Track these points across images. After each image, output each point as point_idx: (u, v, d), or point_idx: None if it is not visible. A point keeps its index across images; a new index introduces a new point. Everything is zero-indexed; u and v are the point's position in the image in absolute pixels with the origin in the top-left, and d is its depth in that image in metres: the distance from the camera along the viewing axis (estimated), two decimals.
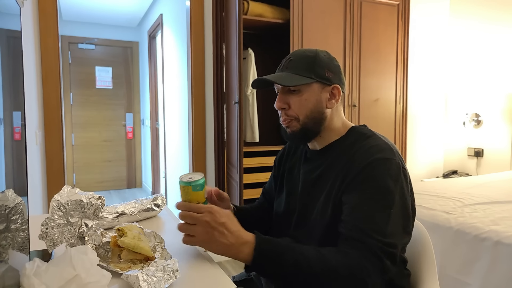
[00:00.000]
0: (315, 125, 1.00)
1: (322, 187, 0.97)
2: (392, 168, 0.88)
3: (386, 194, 0.86)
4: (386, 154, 0.90)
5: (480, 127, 3.48)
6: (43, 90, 2.33)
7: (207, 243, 0.82)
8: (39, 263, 0.68)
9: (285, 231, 1.06)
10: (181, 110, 3.42)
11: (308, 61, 0.99)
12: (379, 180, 0.87)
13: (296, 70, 0.98)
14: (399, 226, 0.86)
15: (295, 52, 1.03)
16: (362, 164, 0.89)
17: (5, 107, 0.73)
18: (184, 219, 0.84)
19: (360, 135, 0.98)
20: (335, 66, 1.01)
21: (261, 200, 1.29)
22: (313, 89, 0.98)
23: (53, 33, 2.34)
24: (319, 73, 0.98)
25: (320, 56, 0.99)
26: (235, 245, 0.82)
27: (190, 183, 0.90)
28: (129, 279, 0.74)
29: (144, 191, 5.68)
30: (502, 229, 1.63)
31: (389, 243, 0.82)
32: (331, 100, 1.00)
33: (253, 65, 2.99)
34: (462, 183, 2.53)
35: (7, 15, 0.78)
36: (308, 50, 1.02)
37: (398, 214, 0.86)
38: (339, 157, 0.96)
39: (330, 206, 0.92)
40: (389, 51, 3.20)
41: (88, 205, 0.87)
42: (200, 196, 0.91)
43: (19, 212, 0.71)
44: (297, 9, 2.76)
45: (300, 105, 0.99)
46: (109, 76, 5.61)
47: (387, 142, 0.95)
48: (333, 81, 1.00)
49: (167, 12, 3.95)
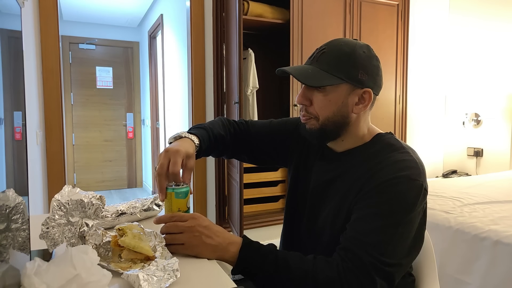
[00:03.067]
0: (336, 128, 0.91)
1: (335, 192, 0.92)
2: (413, 190, 0.82)
3: (397, 213, 0.80)
4: (412, 174, 0.83)
5: (480, 127, 3.48)
6: (43, 90, 2.34)
7: (196, 247, 0.83)
8: (39, 263, 0.68)
9: (296, 225, 1.05)
10: (181, 110, 3.43)
11: (342, 58, 0.87)
12: (395, 198, 0.81)
13: (327, 66, 0.88)
14: (404, 247, 0.82)
15: (331, 42, 0.91)
16: (383, 178, 0.82)
17: (5, 107, 0.73)
18: (169, 230, 0.84)
19: (387, 145, 0.91)
20: (373, 66, 0.89)
21: (253, 129, 1.16)
22: (341, 90, 0.88)
23: (54, 33, 2.34)
24: (352, 73, 0.87)
25: (357, 53, 0.87)
26: (222, 245, 0.83)
27: (173, 190, 0.91)
28: (129, 278, 0.75)
29: (145, 190, 5.69)
30: (501, 228, 1.63)
31: (387, 262, 0.78)
32: (358, 105, 0.89)
33: (253, 65, 2.99)
34: (462, 183, 2.53)
35: (7, 15, 0.78)
36: (346, 43, 0.89)
37: (405, 235, 0.81)
38: (359, 166, 0.90)
39: (343, 215, 0.88)
40: (388, 51, 3.20)
41: (88, 205, 0.87)
42: (182, 204, 0.92)
43: (19, 212, 0.71)
44: (297, 9, 2.77)
45: (323, 105, 0.89)
46: (110, 76, 5.61)
47: (415, 159, 0.87)
48: (365, 84, 0.88)
49: (168, 12, 3.96)
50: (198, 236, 0.82)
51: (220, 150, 1.13)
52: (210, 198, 2.88)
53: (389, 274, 0.79)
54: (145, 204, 1.26)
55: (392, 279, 0.80)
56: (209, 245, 0.82)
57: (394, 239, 0.80)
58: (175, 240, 0.83)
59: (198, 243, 0.82)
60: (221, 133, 1.09)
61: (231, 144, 1.13)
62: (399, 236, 0.80)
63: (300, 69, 0.90)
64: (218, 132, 1.09)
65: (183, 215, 0.85)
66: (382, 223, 0.80)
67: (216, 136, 1.08)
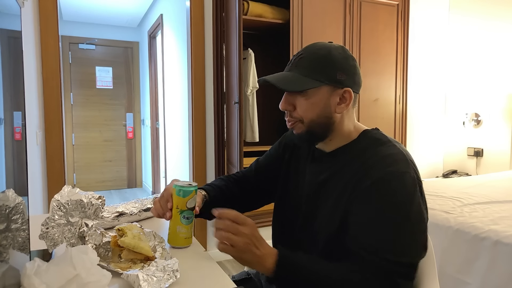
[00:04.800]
0: (322, 129, 0.94)
1: (330, 192, 0.93)
2: (407, 182, 0.83)
3: (400, 211, 0.82)
4: (401, 166, 0.85)
5: (480, 127, 3.48)
6: (43, 90, 2.33)
7: (244, 253, 0.84)
8: (39, 263, 0.69)
9: (288, 232, 1.05)
10: (181, 110, 3.43)
11: (320, 61, 0.90)
12: (393, 196, 0.82)
13: (306, 70, 0.91)
14: (415, 242, 0.83)
15: (307, 48, 0.94)
16: (375, 176, 0.84)
17: (5, 107, 0.73)
18: (228, 229, 0.85)
19: (373, 140, 0.93)
20: (350, 66, 0.92)
21: (250, 173, 1.22)
22: (322, 93, 0.91)
23: (54, 33, 2.34)
24: (330, 75, 0.90)
25: (333, 55, 0.90)
26: (264, 256, 0.84)
27: (176, 186, 0.94)
28: (129, 278, 0.75)
29: (145, 190, 5.69)
30: (501, 228, 1.63)
31: (404, 263, 0.81)
32: (340, 105, 0.92)
33: (253, 65, 2.99)
34: (462, 183, 2.52)
35: (7, 15, 0.78)
36: (322, 47, 0.93)
37: (414, 230, 0.83)
38: (349, 163, 0.92)
39: (338, 215, 0.89)
40: (388, 51, 3.20)
41: (88, 205, 0.87)
42: (181, 203, 0.94)
43: (19, 212, 0.71)
44: (297, 9, 2.76)
45: (306, 108, 0.92)
46: (110, 76, 5.61)
47: (402, 151, 0.89)
48: (345, 84, 0.91)
49: (167, 12, 3.96)
50: (250, 244, 0.84)
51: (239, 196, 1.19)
52: None
53: (407, 274, 0.82)
54: (145, 204, 1.26)
55: (411, 277, 0.83)
56: (253, 254, 0.84)
57: (405, 237, 0.81)
58: (230, 240, 0.84)
59: (246, 250, 0.84)
60: (223, 183, 1.18)
61: (239, 191, 1.19)
62: (408, 232, 0.82)
63: (280, 76, 0.93)
64: (221, 183, 1.18)
65: (245, 218, 0.87)
66: (390, 224, 0.81)
67: (220, 186, 1.16)
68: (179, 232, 0.96)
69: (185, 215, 0.95)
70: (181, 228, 0.96)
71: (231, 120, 2.66)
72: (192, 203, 0.96)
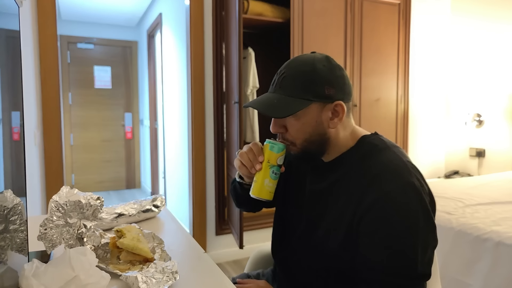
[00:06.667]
0: (317, 147, 0.91)
1: (331, 203, 0.91)
2: (412, 193, 0.81)
3: (411, 224, 0.79)
4: (404, 177, 0.82)
5: (482, 127, 3.47)
6: (41, 90, 2.32)
7: None
8: (38, 264, 0.68)
9: (287, 239, 1.04)
10: (180, 110, 3.42)
11: (305, 78, 0.86)
12: (401, 210, 0.80)
13: (291, 90, 0.87)
14: (428, 250, 0.81)
15: (289, 64, 0.90)
16: (380, 193, 0.81)
17: (3, 107, 0.72)
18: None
19: (372, 147, 0.90)
20: (337, 77, 0.88)
21: None
22: (312, 111, 0.87)
23: (52, 32, 2.33)
24: (318, 91, 0.86)
25: (318, 70, 0.86)
26: None
27: (269, 142, 0.94)
28: (128, 280, 0.74)
29: (143, 191, 5.67)
30: (503, 229, 1.62)
31: (422, 275, 0.80)
32: (333, 119, 0.88)
33: (253, 64, 2.98)
34: (464, 184, 2.52)
35: (5, 14, 0.78)
36: (304, 62, 0.88)
37: (426, 238, 0.81)
38: (350, 173, 0.89)
39: (343, 229, 0.86)
40: (390, 51, 3.20)
41: (86, 206, 0.86)
42: (272, 157, 0.94)
43: (17, 213, 0.70)
44: (298, 8, 2.76)
45: (298, 129, 0.89)
46: (108, 76, 5.60)
47: (401, 157, 0.86)
48: (334, 98, 0.87)
49: (167, 11, 3.95)
50: None
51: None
52: (210, 198, 2.87)
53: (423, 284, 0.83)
54: (144, 205, 1.25)
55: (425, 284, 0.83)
56: None
57: (419, 249, 0.79)
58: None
59: None
60: None
61: None
62: (422, 242, 0.80)
63: (265, 101, 0.90)
64: None
65: (258, 283, 1.04)
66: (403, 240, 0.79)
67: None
68: (266, 185, 0.95)
69: (274, 171, 0.95)
70: (268, 181, 0.95)
71: (231, 120, 2.65)
72: (281, 160, 0.95)
